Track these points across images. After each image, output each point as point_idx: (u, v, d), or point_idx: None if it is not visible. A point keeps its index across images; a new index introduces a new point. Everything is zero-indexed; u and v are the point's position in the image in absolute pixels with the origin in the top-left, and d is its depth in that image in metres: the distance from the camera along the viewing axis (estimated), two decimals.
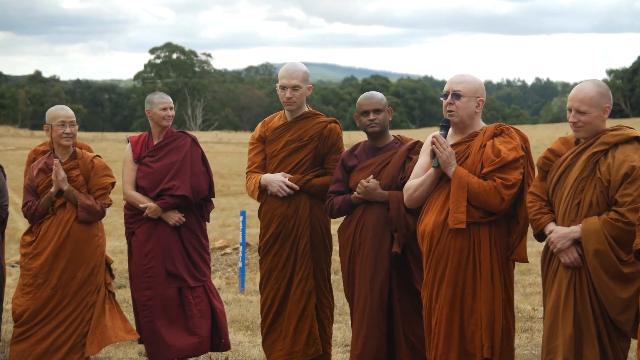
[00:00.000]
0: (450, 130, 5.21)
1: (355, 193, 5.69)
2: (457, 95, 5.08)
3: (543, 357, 4.86)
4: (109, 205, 6.40)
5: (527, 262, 5.16)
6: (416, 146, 5.69)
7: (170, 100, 6.74)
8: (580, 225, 4.73)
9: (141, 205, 6.59)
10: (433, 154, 5.10)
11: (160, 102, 6.66)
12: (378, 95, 5.83)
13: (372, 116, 5.75)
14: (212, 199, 6.90)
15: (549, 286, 4.91)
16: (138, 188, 6.67)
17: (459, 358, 5.02)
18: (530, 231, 5.09)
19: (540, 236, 4.98)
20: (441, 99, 5.16)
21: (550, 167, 4.95)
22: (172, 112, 6.70)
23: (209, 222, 6.95)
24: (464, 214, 4.95)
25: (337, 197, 5.83)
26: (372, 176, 5.66)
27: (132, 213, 6.69)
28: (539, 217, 4.91)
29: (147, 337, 6.61)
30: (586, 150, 4.82)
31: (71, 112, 6.30)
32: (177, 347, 6.57)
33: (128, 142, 6.80)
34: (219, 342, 6.78)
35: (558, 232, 4.79)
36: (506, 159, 4.95)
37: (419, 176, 5.25)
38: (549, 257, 4.94)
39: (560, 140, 5.03)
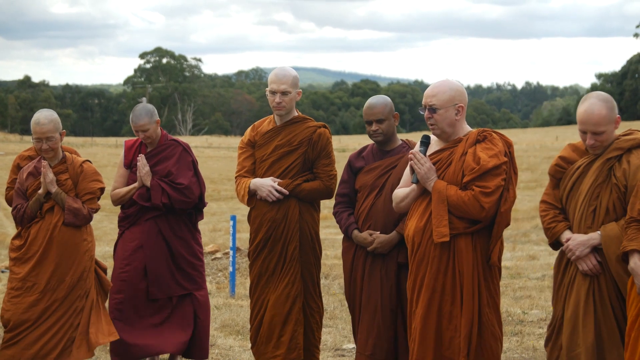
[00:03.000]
0: (434, 138, 5.23)
1: (362, 240, 5.75)
2: (432, 110, 5.08)
3: None
4: (97, 210, 6.38)
5: (498, 265, 5.12)
6: None
7: (143, 121, 6.50)
8: (599, 232, 4.71)
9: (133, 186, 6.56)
10: (412, 170, 5.12)
11: (132, 125, 6.58)
12: (380, 104, 5.79)
13: (374, 127, 5.78)
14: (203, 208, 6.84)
15: (562, 293, 4.89)
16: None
17: None
18: (509, 236, 5.09)
19: (556, 244, 4.97)
20: (420, 111, 5.17)
21: (563, 174, 4.93)
22: (147, 133, 6.53)
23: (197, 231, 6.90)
24: (447, 227, 4.95)
25: (344, 215, 5.88)
26: (374, 234, 5.70)
27: (124, 215, 6.69)
28: (553, 225, 4.90)
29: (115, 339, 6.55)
30: (600, 157, 4.80)
31: (47, 127, 6.09)
32: (142, 347, 6.57)
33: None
34: (198, 351, 6.75)
35: (576, 240, 4.77)
36: (486, 166, 4.92)
37: (407, 183, 5.27)
38: (564, 264, 4.92)
39: (570, 147, 5.00)
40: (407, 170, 5.32)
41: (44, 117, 6.16)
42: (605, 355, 4.70)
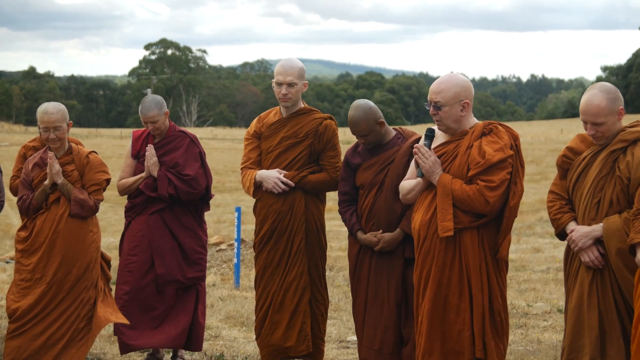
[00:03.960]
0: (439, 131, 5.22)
1: (367, 242, 5.75)
2: (437, 107, 5.05)
3: (564, 356, 4.84)
4: (102, 200, 6.38)
5: (506, 260, 5.11)
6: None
7: (153, 112, 6.51)
8: (602, 224, 4.70)
9: (139, 176, 6.57)
10: (417, 164, 5.11)
11: (141, 116, 6.58)
12: (361, 122, 5.72)
13: (361, 140, 5.80)
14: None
15: (570, 285, 4.90)
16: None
17: (442, 356, 4.99)
18: (513, 229, 5.07)
19: (562, 235, 4.97)
20: (426, 107, 5.15)
21: (570, 165, 4.93)
22: (156, 125, 6.53)
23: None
24: (451, 221, 4.92)
25: (347, 215, 5.87)
26: (378, 234, 5.69)
27: (130, 205, 6.68)
28: (559, 216, 4.91)
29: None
30: (605, 149, 4.78)
31: (55, 116, 6.11)
32: (146, 340, 6.56)
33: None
34: (195, 343, 6.72)
35: (579, 231, 4.77)
36: (491, 160, 4.89)
37: (413, 175, 5.25)
38: (570, 256, 4.92)
39: (579, 138, 4.99)
40: (413, 162, 5.31)
41: (52, 106, 6.19)
42: (607, 349, 4.69)
